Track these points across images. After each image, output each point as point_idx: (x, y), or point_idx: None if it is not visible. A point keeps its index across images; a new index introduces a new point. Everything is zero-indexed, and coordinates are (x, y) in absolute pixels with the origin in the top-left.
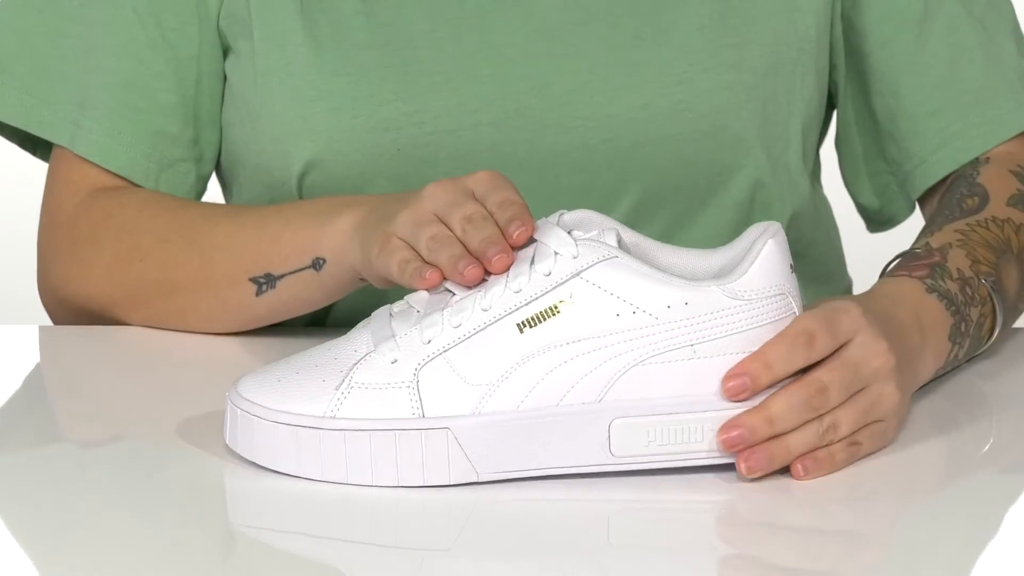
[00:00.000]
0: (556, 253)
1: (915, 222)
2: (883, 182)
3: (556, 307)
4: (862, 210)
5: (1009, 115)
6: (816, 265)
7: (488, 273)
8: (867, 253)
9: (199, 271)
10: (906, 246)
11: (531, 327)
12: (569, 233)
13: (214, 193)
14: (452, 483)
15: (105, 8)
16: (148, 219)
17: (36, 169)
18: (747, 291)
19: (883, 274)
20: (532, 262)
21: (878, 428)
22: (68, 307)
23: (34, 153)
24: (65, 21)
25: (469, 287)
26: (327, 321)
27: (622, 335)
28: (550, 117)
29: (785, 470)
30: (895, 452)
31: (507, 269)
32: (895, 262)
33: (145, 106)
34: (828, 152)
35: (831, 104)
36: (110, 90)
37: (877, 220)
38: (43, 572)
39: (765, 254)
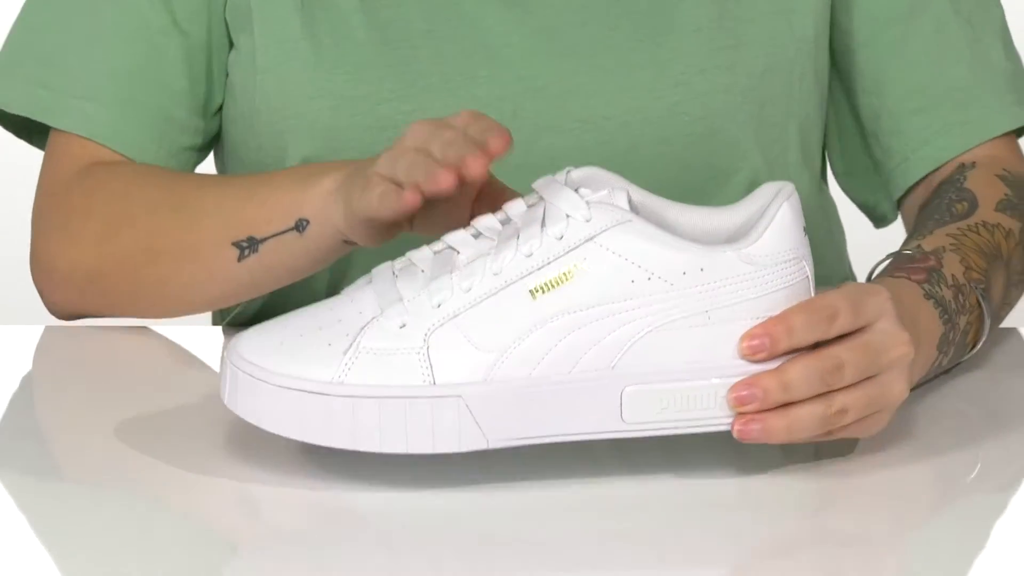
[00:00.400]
0: (568, 216)
1: None
2: (871, 180)
3: (569, 273)
4: (859, 206)
5: (993, 116)
6: (818, 265)
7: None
8: (870, 254)
9: (184, 237)
10: None
11: (544, 293)
12: (577, 191)
13: None
14: (462, 450)
15: None
16: (141, 188)
17: (35, 169)
18: (762, 255)
19: (871, 275)
20: (543, 224)
21: (871, 417)
22: (57, 279)
23: (30, 140)
24: (76, 10)
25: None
26: None
27: (636, 301)
28: (546, 119)
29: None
30: (899, 459)
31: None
32: (885, 263)
33: (157, 91)
34: None
35: None
36: (120, 76)
37: (874, 217)
38: (42, 572)
39: (780, 217)
